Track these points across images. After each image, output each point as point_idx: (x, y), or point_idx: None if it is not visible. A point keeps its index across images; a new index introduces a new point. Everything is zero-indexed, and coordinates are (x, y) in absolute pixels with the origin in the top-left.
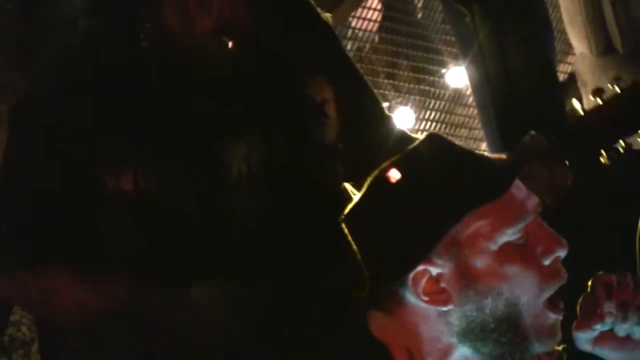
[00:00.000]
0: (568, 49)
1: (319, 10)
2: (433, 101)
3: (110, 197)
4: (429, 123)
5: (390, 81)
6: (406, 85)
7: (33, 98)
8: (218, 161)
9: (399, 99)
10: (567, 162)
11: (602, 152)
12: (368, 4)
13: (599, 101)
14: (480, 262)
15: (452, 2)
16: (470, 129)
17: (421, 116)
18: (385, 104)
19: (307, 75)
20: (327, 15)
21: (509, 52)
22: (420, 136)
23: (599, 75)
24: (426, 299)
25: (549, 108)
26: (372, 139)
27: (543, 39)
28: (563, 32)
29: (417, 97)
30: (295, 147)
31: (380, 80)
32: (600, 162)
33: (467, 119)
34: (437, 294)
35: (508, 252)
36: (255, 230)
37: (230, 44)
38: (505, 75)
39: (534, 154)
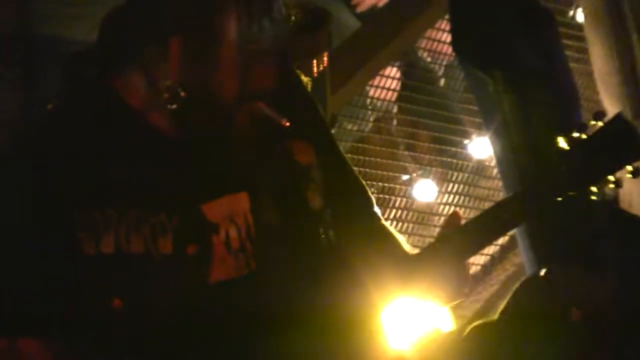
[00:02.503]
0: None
1: (302, 77)
2: (455, 173)
3: (88, 263)
4: (451, 196)
5: (411, 153)
6: (427, 156)
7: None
8: (206, 225)
9: (420, 172)
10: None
11: (592, 188)
12: (386, 73)
13: (584, 136)
14: None
15: (473, 69)
16: (495, 202)
17: (443, 189)
18: (405, 177)
19: (292, 139)
20: (306, 80)
21: (534, 120)
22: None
23: None
24: None
25: None
26: (352, 209)
27: (569, 106)
28: (590, 99)
29: (439, 169)
30: (287, 212)
31: (400, 152)
32: (590, 198)
33: (491, 192)
34: None
35: None
36: (244, 292)
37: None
38: (531, 145)
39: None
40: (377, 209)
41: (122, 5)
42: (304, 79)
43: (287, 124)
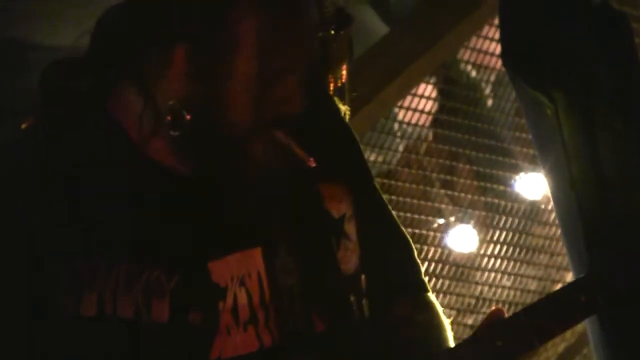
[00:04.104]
0: None
1: (339, 104)
2: (503, 218)
3: (63, 327)
4: (497, 246)
5: (448, 191)
6: (468, 196)
7: None
8: (212, 288)
9: (459, 215)
10: None
11: None
12: (419, 91)
13: None
14: None
15: (528, 89)
16: (552, 254)
17: (487, 237)
18: (440, 221)
19: (323, 181)
20: (344, 109)
21: (602, 153)
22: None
23: None
24: None
25: None
26: (392, 277)
27: None
28: None
29: (482, 213)
30: (312, 275)
31: (435, 190)
32: None
33: (547, 241)
34: None
35: None
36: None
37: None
38: (598, 183)
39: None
40: (423, 278)
41: (120, 4)
42: (342, 106)
43: (314, 164)
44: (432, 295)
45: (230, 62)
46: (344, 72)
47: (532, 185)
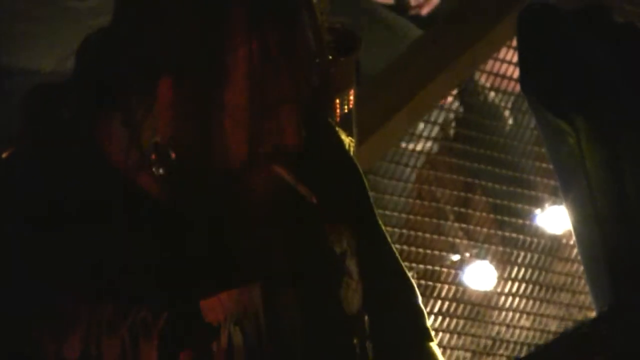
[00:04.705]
0: None
1: (342, 136)
2: (522, 253)
3: None
4: (515, 284)
5: (463, 225)
6: (484, 230)
7: None
8: (204, 328)
9: (474, 251)
10: None
11: None
12: (432, 119)
13: None
14: None
15: (549, 116)
16: (574, 292)
17: (505, 275)
18: (455, 257)
19: (324, 217)
20: (349, 141)
21: (628, 184)
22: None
23: None
24: None
25: None
26: (392, 322)
27: None
28: None
29: (499, 248)
30: (313, 314)
31: (449, 223)
32: None
33: (569, 279)
34: None
35: None
36: None
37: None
38: (623, 218)
39: None
40: (427, 326)
41: (106, 28)
42: (345, 138)
43: (315, 199)
44: (435, 346)
45: (219, 94)
46: (351, 97)
47: (554, 219)
